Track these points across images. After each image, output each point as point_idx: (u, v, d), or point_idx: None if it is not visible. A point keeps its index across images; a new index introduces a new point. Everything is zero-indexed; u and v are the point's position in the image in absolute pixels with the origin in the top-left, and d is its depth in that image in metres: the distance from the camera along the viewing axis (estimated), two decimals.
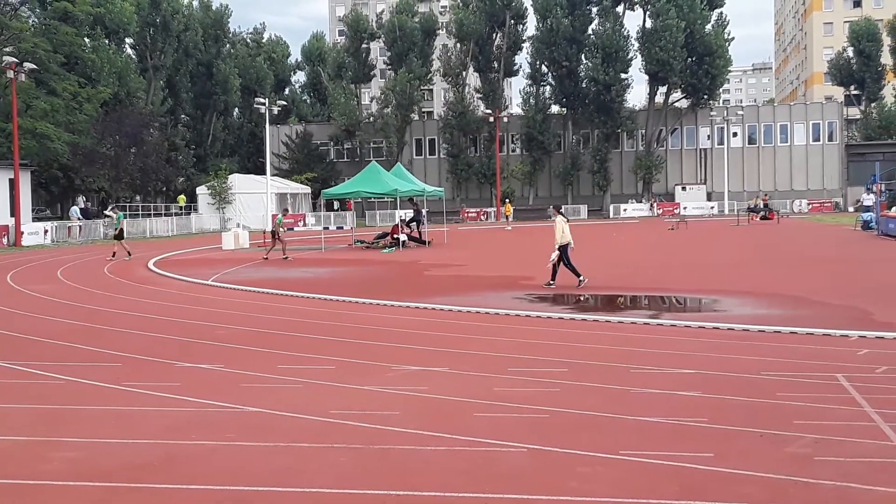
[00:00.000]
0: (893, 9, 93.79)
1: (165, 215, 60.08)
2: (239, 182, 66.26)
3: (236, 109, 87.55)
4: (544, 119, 78.48)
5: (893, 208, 33.81)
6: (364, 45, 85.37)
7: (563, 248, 17.76)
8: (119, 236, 32.14)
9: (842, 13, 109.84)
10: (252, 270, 25.24)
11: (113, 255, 30.74)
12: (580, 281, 17.65)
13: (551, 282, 18.04)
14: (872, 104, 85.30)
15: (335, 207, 66.13)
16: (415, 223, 37.36)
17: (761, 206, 56.70)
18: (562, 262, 17.88)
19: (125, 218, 35.38)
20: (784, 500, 5.16)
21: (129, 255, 30.75)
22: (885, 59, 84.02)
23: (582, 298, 16.56)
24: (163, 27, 73.51)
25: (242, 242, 38.21)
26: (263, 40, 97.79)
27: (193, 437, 6.94)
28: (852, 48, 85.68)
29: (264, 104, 62.07)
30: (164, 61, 74.10)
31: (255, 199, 62.94)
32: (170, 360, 10.39)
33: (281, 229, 30.52)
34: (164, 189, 75.56)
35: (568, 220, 18.27)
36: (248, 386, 8.85)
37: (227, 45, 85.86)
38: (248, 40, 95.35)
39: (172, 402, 8.25)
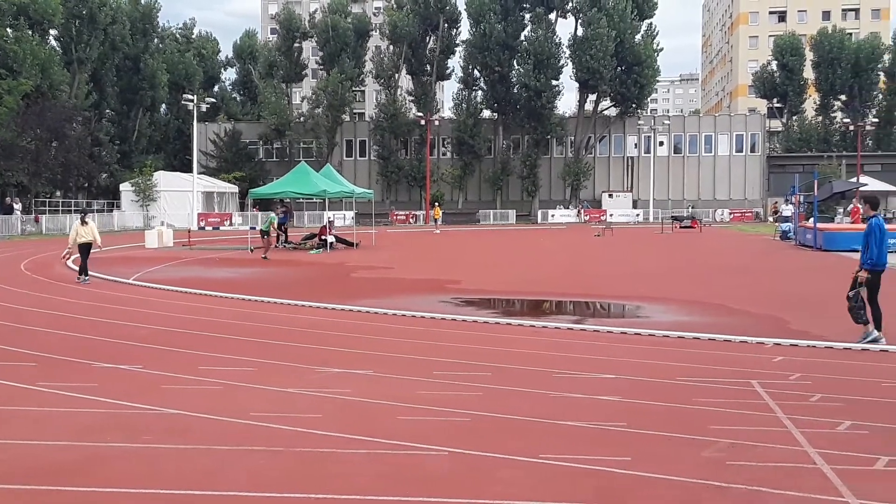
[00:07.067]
0: (817, 24, 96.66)
1: (87, 211, 58.70)
2: (164, 179, 65.17)
3: (163, 105, 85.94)
4: (475, 123, 78.84)
5: (811, 219, 34.79)
6: (296, 45, 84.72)
7: (83, 248, 20.10)
8: None
9: (767, 27, 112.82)
10: (176, 269, 24.85)
11: None
12: (83, 279, 19.96)
13: (85, 277, 20.16)
14: (794, 117, 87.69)
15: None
16: (282, 226, 36.43)
17: (685, 214, 57.74)
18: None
19: None
20: None
21: None
22: (808, 73, 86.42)
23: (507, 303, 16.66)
24: (89, 19, 71.70)
25: (166, 241, 37.56)
26: (193, 36, 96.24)
27: (110, 439, 6.79)
28: (776, 62, 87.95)
29: (192, 101, 61.22)
30: (89, 54, 72.28)
31: (180, 197, 62.01)
32: (87, 360, 10.15)
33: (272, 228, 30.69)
34: (87, 185, 73.82)
35: (86, 224, 20.35)
36: (168, 387, 8.69)
37: (156, 40, 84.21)
38: (178, 35, 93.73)
39: (89, 403, 8.06)
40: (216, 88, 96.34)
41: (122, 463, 6.16)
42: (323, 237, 34.08)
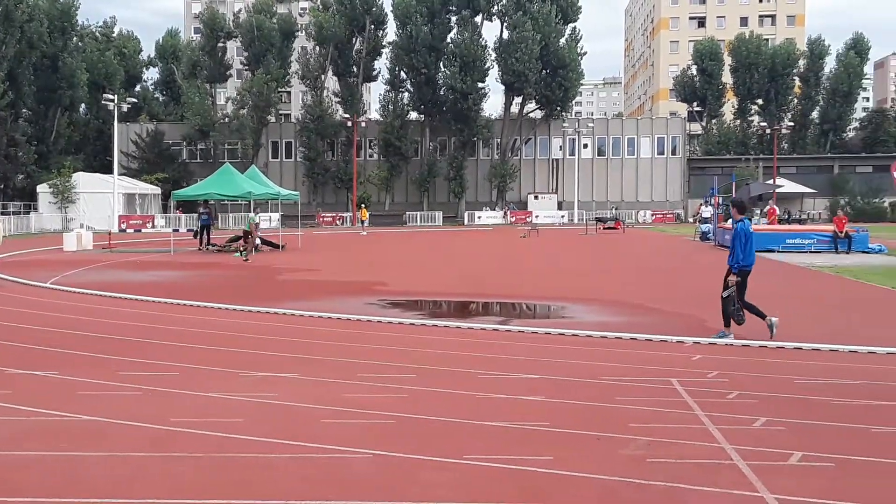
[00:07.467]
0: (735, 30, 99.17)
1: (2, 213, 57.09)
2: (84, 181, 63.66)
3: (83, 105, 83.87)
4: (402, 125, 78.91)
5: (729, 220, 35.61)
6: (220, 44, 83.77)
7: None
8: None
9: (687, 33, 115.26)
10: (95, 273, 24.29)
11: None
12: None
13: None
14: (713, 120, 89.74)
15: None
16: (205, 228, 36.04)
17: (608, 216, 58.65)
18: None
19: None
20: (616, 501, 5.36)
21: None
22: (727, 77, 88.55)
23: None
24: (4, 17, 69.50)
25: (85, 244, 36.68)
26: (114, 35, 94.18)
27: (25, 447, 6.61)
28: (696, 66, 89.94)
29: (113, 101, 60.03)
30: (5, 52, 70.04)
31: (100, 198, 60.70)
32: (0, 366, 9.86)
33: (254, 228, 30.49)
34: (2, 186, 71.66)
35: None
36: (85, 393, 8.49)
37: (75, 39, 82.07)
38: (98, 34, 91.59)
39: (3, 410, 7.82)
40: (138, 88, 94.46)
41: (38, 471, 6.01)
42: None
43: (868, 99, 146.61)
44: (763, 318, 11.69)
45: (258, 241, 33.54)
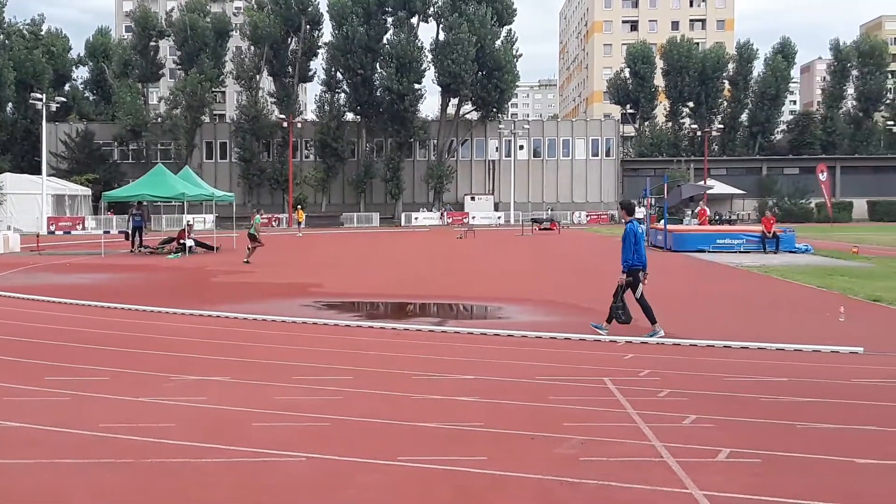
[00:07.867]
0: (667, 34, 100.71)
1: None
2: (10, 182, 61.98)
3: (10, 105, 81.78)
4: (338, 126, 78.48)
5: (661, 221, 36.21)
6: (152, 43, 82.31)
7: None
8: None
9: (620, 36, 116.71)
10: (23, 276, 23.70)
11: None
12: None
13: None
14: (646, 122, 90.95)
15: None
16: (138, 230, 35.55)
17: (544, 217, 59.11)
18: None
19: None
20: (550, 500, 5.41)
21: None
22: (658, 80, 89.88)
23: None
24: None
25: (13, 246, 35.75)
26: (42, 32, 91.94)
27: None
28: (629, 69, 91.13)
29: (41, 100, 58.72)
30: None
31: (28, 200, 59.16)
32: None
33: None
34: None
35: None
36: (10, 399, 8.28)
37: (1, 36, 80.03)
38: (25, 32, 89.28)
39: None
40: (67, 87, 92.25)
41: None
42: (181, 241, 33.20)
43: (795, 102, 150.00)
44: (654, 322, 11.90)
45: (191, 242, 33.08)
